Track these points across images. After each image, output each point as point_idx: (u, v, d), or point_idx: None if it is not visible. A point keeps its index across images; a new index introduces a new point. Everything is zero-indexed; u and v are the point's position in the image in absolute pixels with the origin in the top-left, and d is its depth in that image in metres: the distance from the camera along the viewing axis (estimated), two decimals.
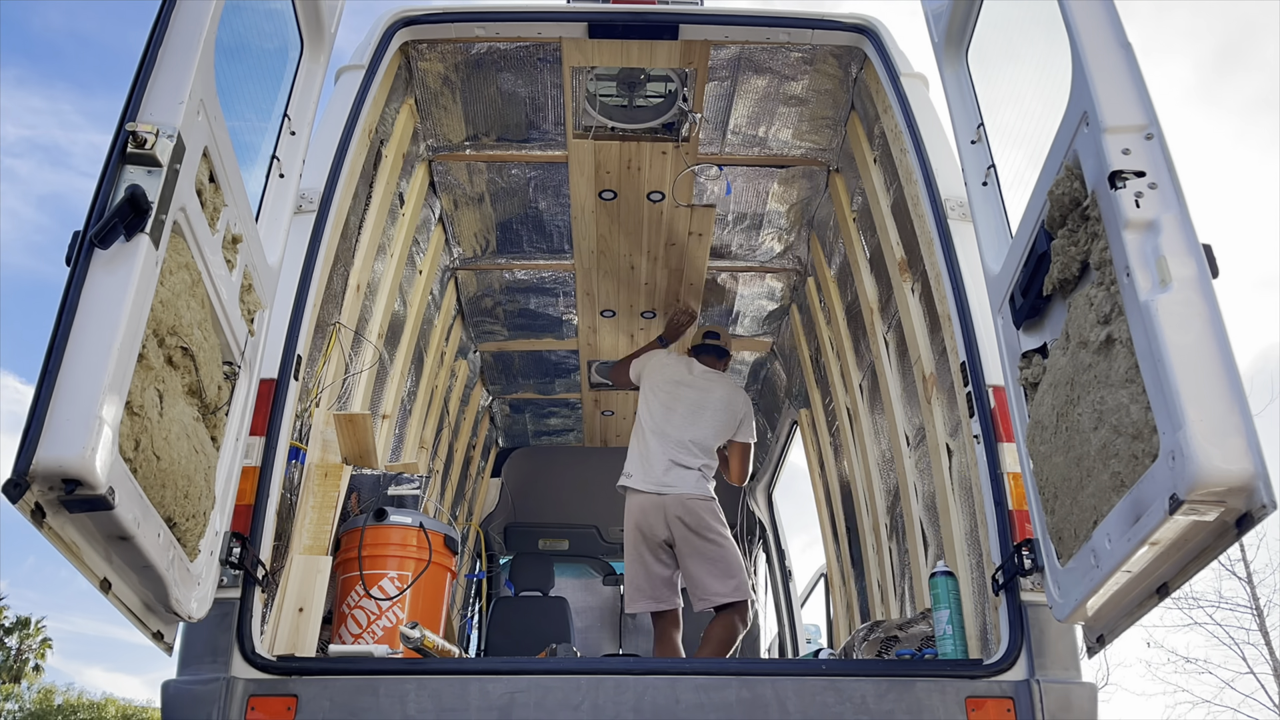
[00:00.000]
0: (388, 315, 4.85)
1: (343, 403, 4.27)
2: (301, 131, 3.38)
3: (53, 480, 1.95)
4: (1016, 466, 3.09)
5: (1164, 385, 2.03)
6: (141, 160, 2.25)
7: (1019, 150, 3.06)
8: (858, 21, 4.39)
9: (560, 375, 7.51)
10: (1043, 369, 2.76)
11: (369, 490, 4.01)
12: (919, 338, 4.16)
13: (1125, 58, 2.36)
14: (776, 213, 5.73)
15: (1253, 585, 19.38)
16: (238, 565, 2.92)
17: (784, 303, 6.59)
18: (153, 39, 2.40)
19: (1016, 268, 2.89)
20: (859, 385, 5.31)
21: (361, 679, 2.95)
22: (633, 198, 5.49)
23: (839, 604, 6.10)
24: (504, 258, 6.13)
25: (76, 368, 2.03)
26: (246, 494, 3.04)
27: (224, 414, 2.80)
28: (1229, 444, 1.94)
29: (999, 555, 3.10)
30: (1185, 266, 2.12)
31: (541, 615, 7.35)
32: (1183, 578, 2.25)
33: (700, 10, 4.71)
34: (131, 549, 2.23)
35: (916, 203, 3.96)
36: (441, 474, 6.68)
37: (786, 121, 5.03)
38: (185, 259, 2.45)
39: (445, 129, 5.08)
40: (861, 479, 5.35)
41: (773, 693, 2.91)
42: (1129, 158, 2.26)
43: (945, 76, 3.51)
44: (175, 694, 2.87)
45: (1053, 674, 2.92)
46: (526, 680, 2.94)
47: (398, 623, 3.65)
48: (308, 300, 3.45)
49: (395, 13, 4.38)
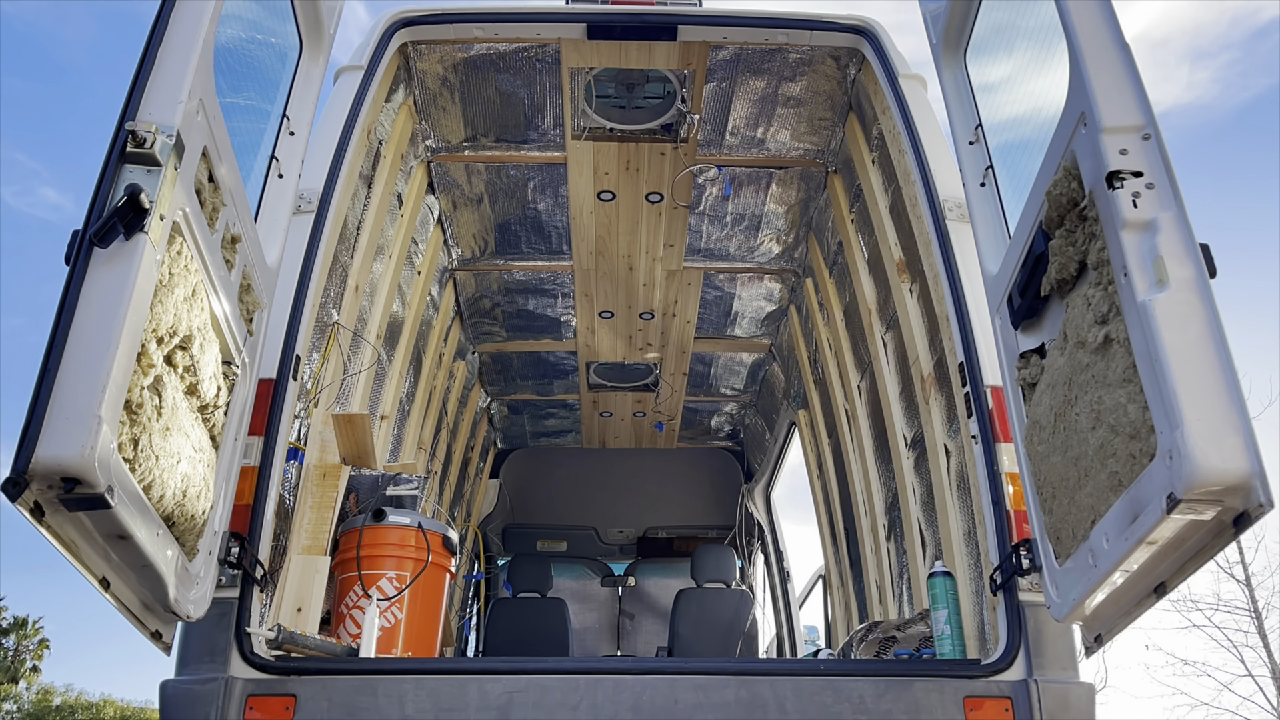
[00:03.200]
0: (386, 316, 4.85)
1: (341, 403, 4.27)
2: (300, 132, 3.38)
3: (52, 479, 1.95)
4: (1014, 467, 3.10)
5: (1161, 385, 2.03)
6: (141, 160, 2.25)
7: (1017, 151, 3.07)
8: (855, 23, 4.40)
9: (559, 376, 7.51)
10: (1040, 369, 2.76)
11: (367, 490, 4.01)
12: (917, 338, 4.17)
13: (1123, 58, 2.36)
14: (775, 214, 5.73)
15: (1251, 588, 19.37)
16: (236, 565, 2.92)
17: (782, 304, 6.59)
18: (152, 38, 2.40)
19: (1014, 268, 2.89)
20: (857, 386, 5.31)
21: (360, 679, 2.95)
22: (631, 199, 5.49)
23: (837, 604, 6.10)
24: (502, 258, 6.13)
25: (75, 367, 2.03)
26: (245, 494, 3.04)
27: (223, 414, 2.80)
28: (1226, 443, 1.94)
29: (997, 555, 3.11)
30: (1183, 267, 2.13)
31: (539, 616, 7.33)
32: (1180, 577, 2.26)
33: (699, 11, 4.72)
34: (130, 548, 2.23)
35: (915, 203, 3.96)
36: (440, 475, 6.68)
37: (785, 123, 5.04)
38: (184, 259, 2.45)
39: (444, 130, 5.08)
40: (860, 479, 5.35)
41: (771, 693, 2.92)
42: (1126, 158, 2.27)
43: (943, 77, 3.52)
44: (174, 694, 2.87)
45: (1051, 674, 2.93)
46: (525, 680, 2.94)
47: (396, 623, 3.65)
48: (306, 300, 3.45)
49: (394, 14, 4.39)
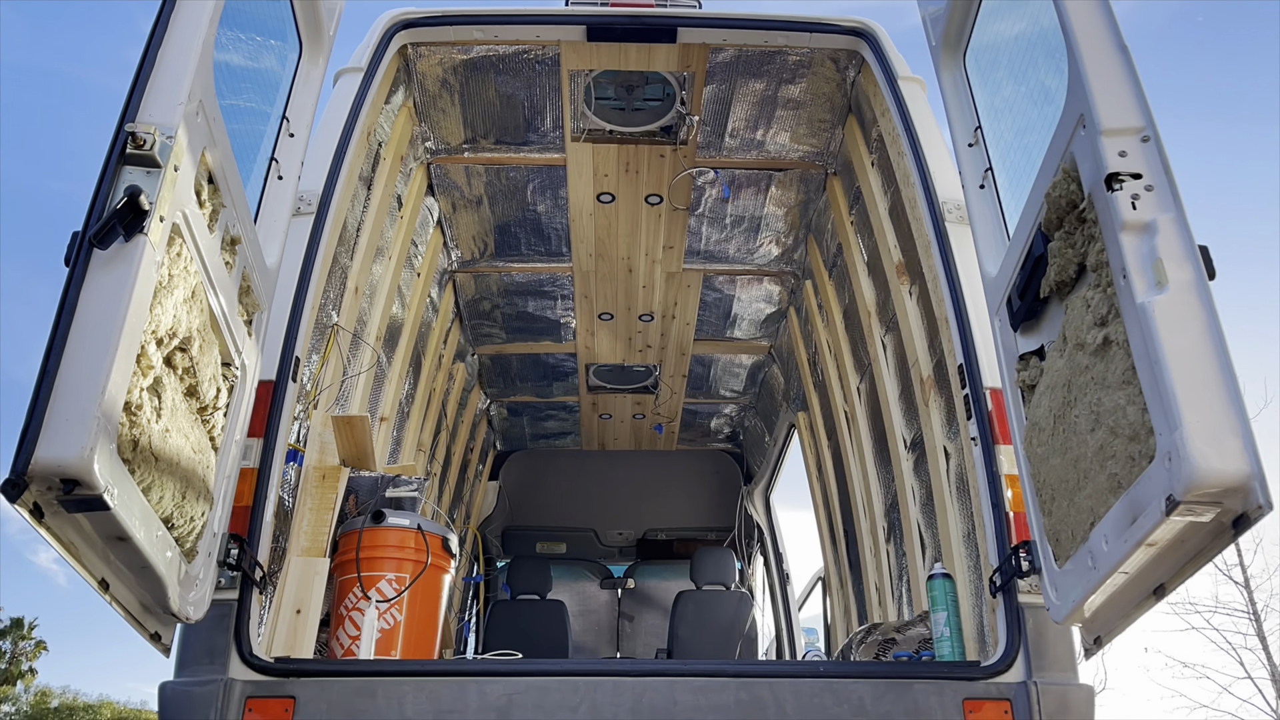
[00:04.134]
0: (386, 317, 4.85)
1: (341, 405, 4.27)
2: (300, 133, 3.38)
3: (51, 480, 1.95)
4: (1014, 468, 3.10)
5: (1160, 387, 2.03)
6: (140, 161, 2.25)
7: (1016, 153, 3.07)
8: (855, 25, 4.40)
9: (558, 378, 7.51)
10: (1040, 371, 2.76)
11: (367, 492, 4.01)
12: (916, 340, 4.17)
13: (1122, 60, 2.37)
14: (774, 216, 5.74)
15: (1250, 590, 19.38)
16: (235, 567, 2.92)
17: (781, 306, 6.59)
18: (152, 40, 2.40)
19: (1014, 270, 2.89)
20: (856, 388, 5.31)
21: (359, 680, 2.94)
22: (631, 201, 5.50)
23: (837, 606, 6.10)
24: (502, 260, 6.13)
25: (75, 368, 2.03)
26: (244, 495, 3.04)
27: (222, 415, 2.80)
28: (1225, 445, 1.94)
29: (996, 557, 3.11)
30: (1182, 269, 2.13)
31: (539, 618, 7.33)
32: (1180, 579, 2.26)
33: (698, 14, 4.72)
34: (129, 549, 2.23)
35: (914, 205, 3.97)
36: (439, 476, 6.68)
37: (784, 125, 5.04)
38: (184, 260, 2.45)
39: (444, 131, 5.09)
40: (859, 482, 5.35)
41: (770, 694, 2.91)
42: (1126, 160, 2.27)
43: (943, 80, 3.52)
44: (172, 696, 2.87)
45: (1050, 676, 2.93)
46: (524, 682, 2.93)
47: (395, 625, 3.65)
48: (306, 302, 3.45)
49: (394, 15, 4.39)
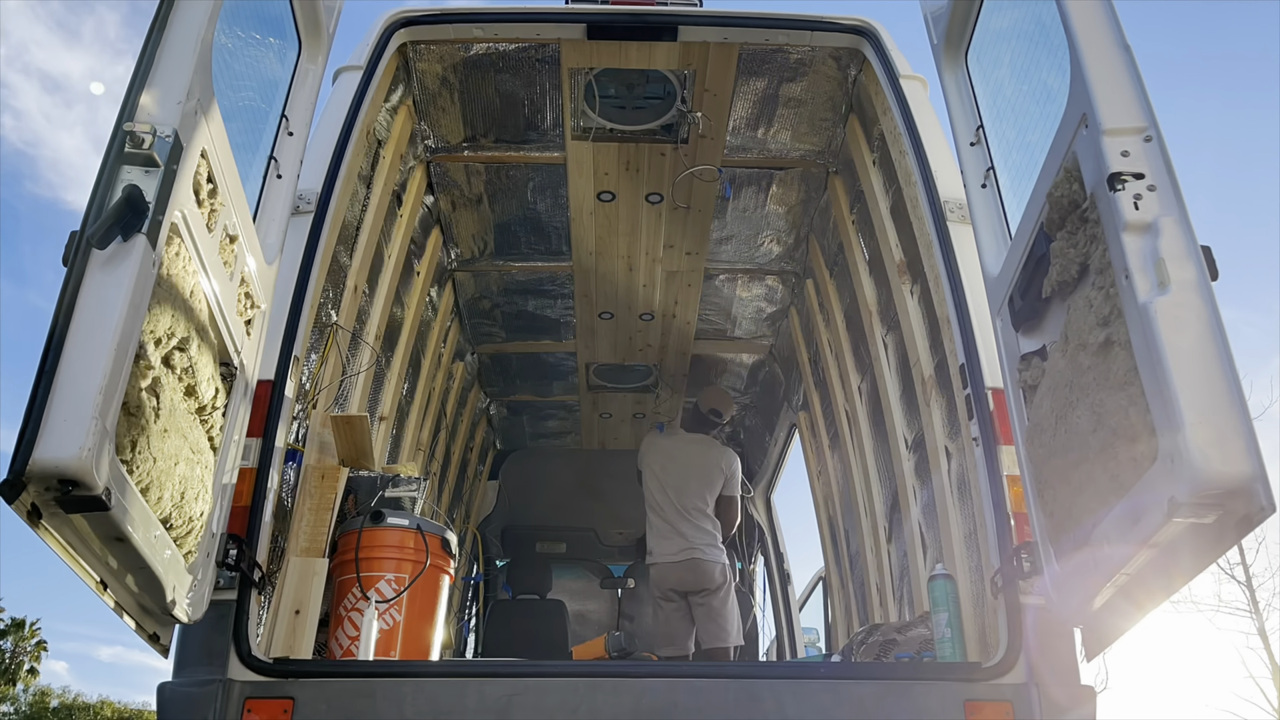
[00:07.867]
0: (385, 316, 4.84)
1: (340, 404, 4.26)
2: (299, 132, 3.37)
3: (49, 481, 1.94)
4: (1015, 469, 3.09)
5: (1163, 387, 2.03)
6: (139, 160, 2.24)
7: (1018, 152, 3.06)
8: (856, 23, 4.38)
9: (558, 377, 7.49)
10: (1042, 371, 2.76)
11: (366, 492, 4.00)
12: (918, 340, 4.16)
13: (1124, 60, 2.36)
14: (775, 215, 5.72)
15: (1252, 589, 19.41)
16: (234, 567, 2.91)
17: (783, 305, 6.58)
18: (151, 38, 2.39)
19: (1015, 270, 2.89)
20: (858, 388, 5.30)
21: (358, 681, 2.94)
22: (631, 199, 5.48)
23: (838, 607, 6.10)
24: (502, 259, 6.12)
25: (73, 368, 2.02)
26: (243, 495, 3.03)
27: (221, 415, 2.80)
28: (1228, 446, 1.93)
29: (998, 558, 3.09)
30: (1184, 269, 2.12)
31: (539, 618, 7.33)
32: (1182, 580, 2.25)
33: (699, 11, 4.71)
34: (128, 550, 2.23)
35: (915, 205, 3.96)
36: (439, 476, 6.67)
37: (785, 123, 5.03)
38: (183, 260, 2.44)
39: (443, 130, 5.08)
40: (860, 482, 5.35)
41: (770, 695, 2.90)
42: (1128, 160, 2.26)
43: (944, 79, 3.51)
44: (171, 696, 2.86)
45: (1052, 677, 2.91)
46: (524, 683, 2.93)
47: (394, 625, 3.64)
48: (305, 301, 3.44)
49: (394, 13, 4.37)
